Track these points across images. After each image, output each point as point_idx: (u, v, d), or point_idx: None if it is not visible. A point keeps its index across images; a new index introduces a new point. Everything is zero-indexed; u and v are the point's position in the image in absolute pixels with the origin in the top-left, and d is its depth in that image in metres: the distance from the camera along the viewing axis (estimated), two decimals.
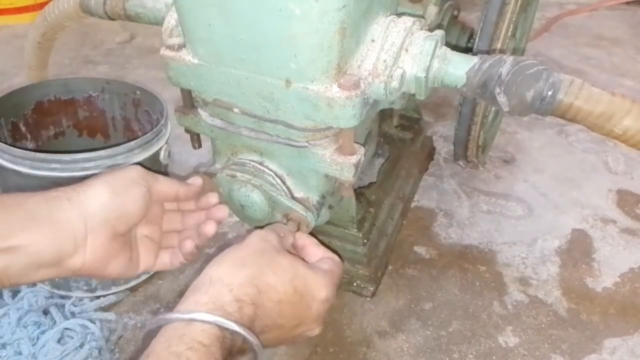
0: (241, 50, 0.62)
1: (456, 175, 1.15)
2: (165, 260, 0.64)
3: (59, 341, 0.78)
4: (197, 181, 0.66)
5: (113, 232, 0.55)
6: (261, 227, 0.64)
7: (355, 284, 0.88)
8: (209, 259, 0.61)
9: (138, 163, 0.79)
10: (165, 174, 0.88)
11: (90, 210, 0.53)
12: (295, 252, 0.62)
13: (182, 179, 0.67)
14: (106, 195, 0.54)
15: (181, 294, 0.87)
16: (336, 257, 0.61)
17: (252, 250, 0.54)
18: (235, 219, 0.92)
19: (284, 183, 0.73)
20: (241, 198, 0.71)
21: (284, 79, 0.62)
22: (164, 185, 0.61)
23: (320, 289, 0.55)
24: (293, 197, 0.74)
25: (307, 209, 0.69)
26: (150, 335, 0.48)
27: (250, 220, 0.74)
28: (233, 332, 0.47)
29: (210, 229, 0.64)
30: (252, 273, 0.51)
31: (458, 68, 0.64)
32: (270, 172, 0.70)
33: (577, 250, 0.98)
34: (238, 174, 0.69)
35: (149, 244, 0.61)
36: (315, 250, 0.62)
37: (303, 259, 0.58)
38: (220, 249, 0.66)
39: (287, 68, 0.61)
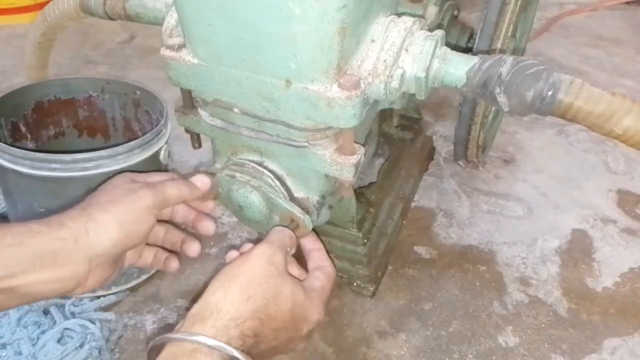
0: (241, 50, 0.62)
1: (456, 175, 1.15)
2: (148, 260, 0.64)
3: (59, 341, 0.78)
4: (204, 182, 0.65)
5: (114, 261, 0.55)
6: (259, 234, 0.63)
7: (355, 284, 0.88)
8: (205, 258, 0.61)
9: (138, 163, 0.79)
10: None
11: (97, 251, 0.52)
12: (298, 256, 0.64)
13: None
14: (116, 236, 0.52)
15: (181, 294, 0.88)
16: (329, 268, 0.63)
17: (257, 277, 0.54)
18: (236, 219, 0.92)
19: (283, 184, 0.73)
20: (240, 199, 0.70)
21: (284, 79, 0.62)
22: (172, 199, 0.60)
23: (313, 314, 0.57)
24: (293, 197, 0.74)
25: (305, 212, 0.68)
26: (154, 352, 0.49)
27: (249, 222, 0.74)
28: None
29: (194, 249, 0.64)
30: (257, 307, 0.52)
31: (458, 68, 0.64)
32: (269, 174, 0.70)
33: (577, 250, 0.98)
34: (237, 175, 0.69)
35: None
36: (317, 256, 0.64)
37: (300, 281, 0.59)
38: (222, 249, 0.67)
39: (287, 68, 0.61)
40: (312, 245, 0.66)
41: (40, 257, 0.49)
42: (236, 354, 0.48)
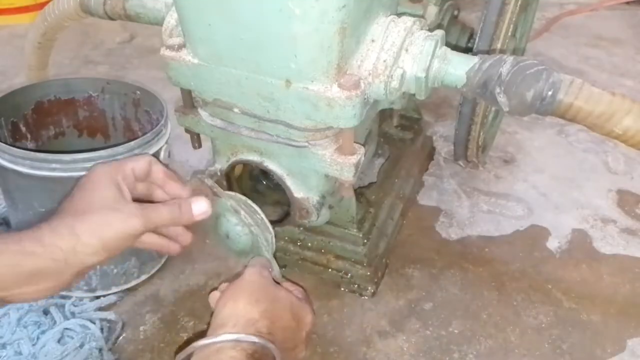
0: (241, 50, 0.62)
1: (456, 175, 1.15)
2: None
3: (59, 341, 0.78)
4: (202, 211, 0.61)
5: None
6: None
7: (355, 284, 0.88)
8: (206, 258, 0.60)
9: None
10: None
11: (84, 267, 0.55)
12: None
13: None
14: (102, 255, 0.55)
15: (181, 293, 0.88)
16: (300, 288, 0.69)
17: (257, 286, 0.61)
18: None
19: (284, 184, 0.73)
20: (231, 232, 0.70)
21: (284, 79, 0.62)
22: (162, 225, 0.59)
23: (306, 315, 0.64)
24: (293, 197, 0.74)
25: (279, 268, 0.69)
26: None
27: (224, 244, 0.73)
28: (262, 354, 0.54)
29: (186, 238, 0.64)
30: (265, 307, 0.59)
31: (458, 68, 0.64)
32: (272, 231, 0.70)
33: (577, 250, 0.98)
34: (242, 213, 0.68)
35: None
36: (287, 284, 0.68)
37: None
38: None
39: (287, 68, 0.61)
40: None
41: (34, 276, 0.53)
42: (258, 340, 0.54)
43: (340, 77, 0.61)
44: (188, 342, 0.71)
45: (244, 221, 0.68)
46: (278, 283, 0.66)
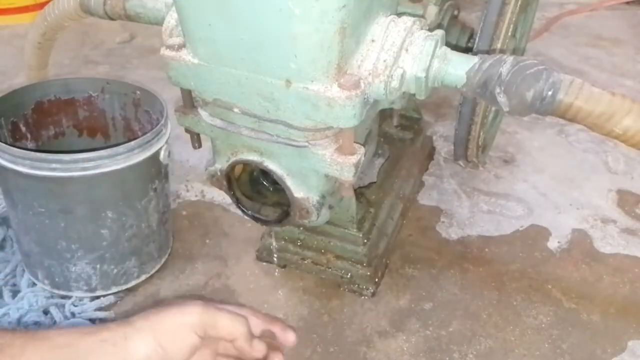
0: (241, 50, 0.62)
1: (456, 175, 1.15)
2: None
3: None
4: (289, 337, 0.56)
5: None
6: None
7: (355, 284, 0.88)
8: (205, 258, 0.60)
9: (138, 163, 0.79)
10: (166, 174, 0.88)
11: (131, 351, 0.51)
12: None
13: (181, 179, 0.65)
14: (151, 345, 0.51)
15: (181, 293, 0.87)
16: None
17: None
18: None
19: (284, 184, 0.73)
20: None
21: (284, 79, 0.62)
22: (221, 330, 0.54)
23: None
24: (293, 197, 0.74)
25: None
26: None
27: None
28: None
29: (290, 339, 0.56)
30: None
31: (458, 68, 0.64)
32: None
33: (577, 250, 0.98)
34: None
35: None
36: None
37: None
38: (220, 247, 0.65)
39: (287, 68, 0.61)
40: None
41: (82, 357, 0.50)
42: None
43: (340, 77, 0.61)
44: None
45: None
46: None
